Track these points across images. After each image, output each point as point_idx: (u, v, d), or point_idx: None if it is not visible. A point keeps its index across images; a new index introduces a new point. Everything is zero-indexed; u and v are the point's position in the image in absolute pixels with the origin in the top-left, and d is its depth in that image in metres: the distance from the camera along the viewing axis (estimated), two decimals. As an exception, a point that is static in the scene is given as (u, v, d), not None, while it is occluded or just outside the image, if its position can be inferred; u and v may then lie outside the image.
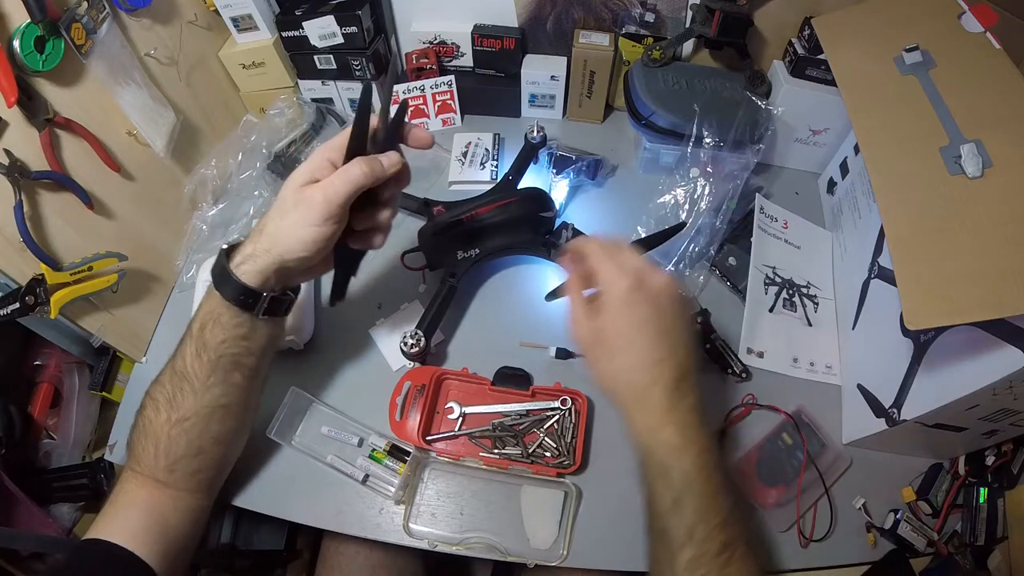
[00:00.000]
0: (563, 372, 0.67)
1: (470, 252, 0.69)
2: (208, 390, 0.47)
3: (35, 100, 0.55)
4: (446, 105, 0.90)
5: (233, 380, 0.48)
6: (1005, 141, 0.48)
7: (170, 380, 0.47)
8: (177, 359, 0.47)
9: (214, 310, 0.46)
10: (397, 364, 0.67)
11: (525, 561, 0.55)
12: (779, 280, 0.72)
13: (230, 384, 0.48)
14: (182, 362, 0.47)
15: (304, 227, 0.43)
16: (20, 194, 0.54)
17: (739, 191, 0.74)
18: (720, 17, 0.74)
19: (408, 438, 0.60)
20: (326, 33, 0.81)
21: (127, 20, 0.66)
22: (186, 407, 0.47)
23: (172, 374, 0.47)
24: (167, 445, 0.47)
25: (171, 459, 0.47)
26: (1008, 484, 0.56)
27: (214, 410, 0.48)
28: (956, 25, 0.58)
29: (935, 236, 0.48)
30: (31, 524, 0.65)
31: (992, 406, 0.48)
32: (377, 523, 0.59)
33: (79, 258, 0.59)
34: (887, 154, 0.55)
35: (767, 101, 0.76)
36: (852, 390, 0.63)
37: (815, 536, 0.57)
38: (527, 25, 0.86)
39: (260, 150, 0.81)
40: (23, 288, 0.54)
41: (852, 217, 0.72)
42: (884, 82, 0.59)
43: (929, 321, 0.45)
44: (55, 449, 0.70)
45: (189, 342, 0.47)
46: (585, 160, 0.80)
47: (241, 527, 0.86)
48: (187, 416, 0.47)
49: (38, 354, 0.70)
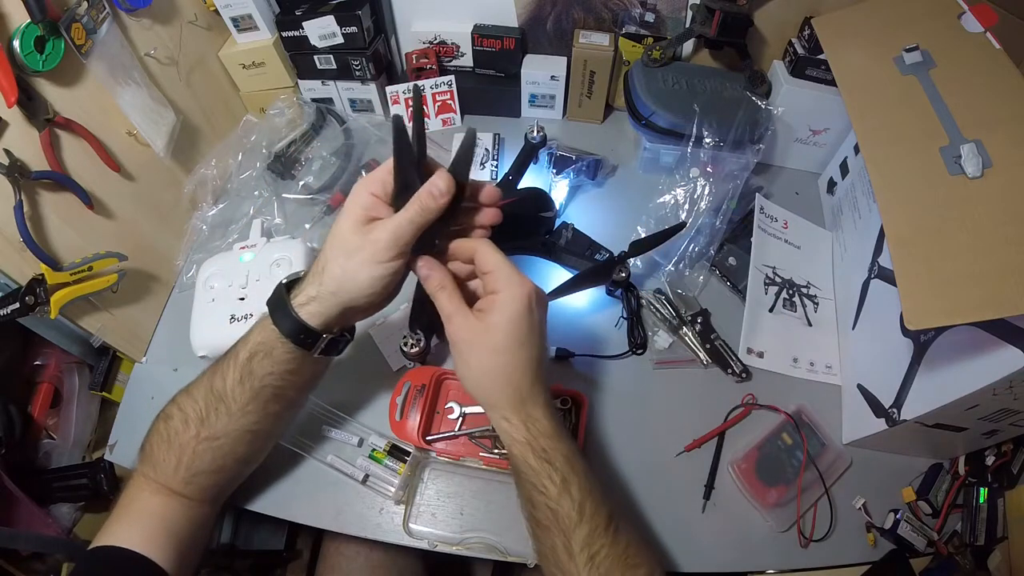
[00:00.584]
0: (563, 372, 0.67)
1: (470, 252, 0.69)
2: (244, 415, 0.47)
3: (35, 100, 0.55)
4: (446, 105, 0.90)
5: (270, 409, 0.48)
6: (1005, 141, 0.48)
7: (204, 398, 0.47)
8: (216, 379, 0.47)
9: (267, 341, 0.46)
10: (397, 364, 0.67)
11: (525, 561, 0.55)
12: (779, 280, 0.72)
13: (267, 413, 0.48)
14: (222, 383, 0.46)
15: (371, 267, 0.43)
16: (20, 194, 0.54)
17: (739, 191, 0.74)
18: (720, 17, 0.74)
19: (408, 438, 0.60)
20: (326, 33, 0.81)
21: (127, 20, 0.66)
22: (218, 428, 0.47)
23: (209, 392, 0.47)
24: (191, 459, 0.47)
25: (191, 472, 0.48)
26: (1008, 484, 0.56)
27: (244, 434, 0.48)
28: (956, 25, 0.58)
29: (935, 236, 0.48)
30: (31, 524, 0.65)
31: (992, 406, 0.48)
32: (377, 523, 0.59)
33: (79, 258, 0.59)
34: (887, 154, 0.55)
35: (767, 101, 0.76)
36: (852, 390, 0.63)
37: (815, 536, 0.57)
38: (527, 25, 0.86)
39: (260, 150, 0.81)
40: (23, 288, 0.55)
41: (852, 217, 0.72)
42: (884, 82, 0.59)
43: (929, 321, 0.45)
44: (55, 449, 0.70)
45: (233, 367, 0.46)
46: (585, 160, 0.80)
47: (241, 527, 0.86)
48: (217, 436, 0.47)
49: (38, 354, 0.70)
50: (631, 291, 0.71)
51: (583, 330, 0.70)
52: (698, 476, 0.60)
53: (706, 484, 0.60)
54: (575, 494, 0.43)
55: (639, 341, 0.68)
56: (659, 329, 0.70)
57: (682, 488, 0.60)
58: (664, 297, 0.71)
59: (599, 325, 0.71)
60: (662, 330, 0.69)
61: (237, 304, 0.67)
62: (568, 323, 0.71)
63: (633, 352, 0.68)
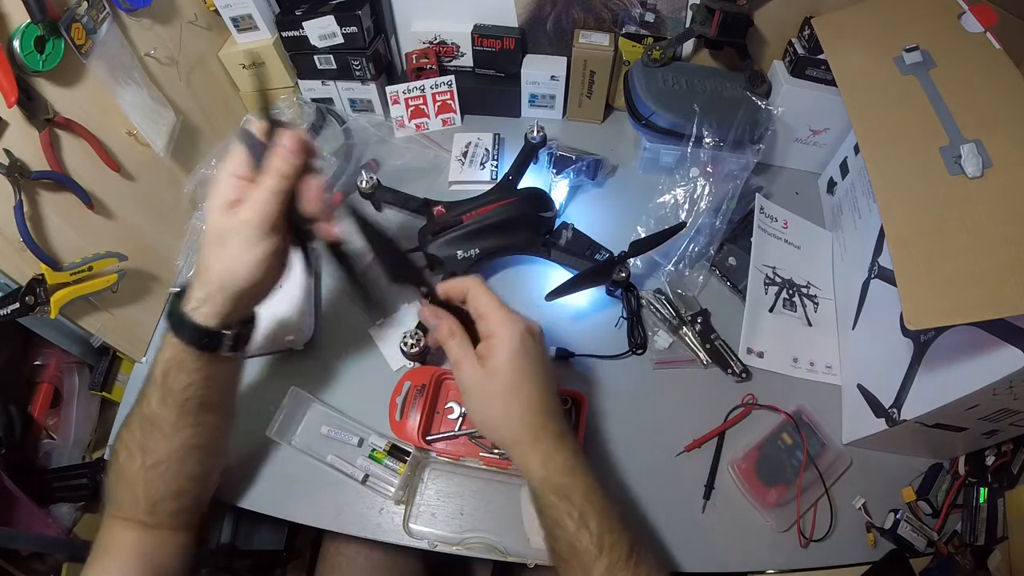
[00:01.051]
0: (563, 372, 0.67)
1: (470, 252, 0.69)
2: (178, 432, 0.47)
3: (35, 100, 0.55)
4: (446, 105, 0.90)
5: (202, 420, 0.48)
6: (1005, 141, 0.48)
7: (139, 426, 0.47)
8: (144, 405, 0.47)
9: (176, 355, 0.45)
10: (397, 364, 0.67)
11: (525, 561, 0.56)
12: (779, 280, 0.72)
13: (199, 424, 0.48)
14: (149, 407, 0.46)
15: (247, 249, 0.43)
16: (20, 194, 0.54)
17: (739, 191, 0.74)
18: (720, 17, 0.74)
19: (408, 438, 0.60)
20: (326, 33, 0.81)
21: (127, 20, 0.66)
22: (160, 452, 0.47)
23: (141, 420, 0.47)
24: (145, 489, 0.47)
25: (151, 502, 0.47)
26: (1008, 484, 0.56)
27: (186, 451, 0.48)
28: (956, 25, 0.58)
29: (935, 236, 0.48)
30: (31, 524, 0.65)
31: (992, 406, 0.48)
32: (377, 523, 0.59)
33: (79, 258, 0.59)
34: (887, 154, 0.55)
35: (767, 101, 0.76)
36: (852, 390, 0.63)
37: (815, 536, 0.57)
38: (527, 25, 0.86)
39: (260, 150, 0.81)
40: (23, 288, 0.55)
41: (852, 217, 0.72)
42: (884, 82, 0.59)
43: (929, 321, 0.45)
44: (55, 449, 0.70)
45: (154, 388, 0.46)
46: (585, 160, 0.80)
47: (241, 527, 0.86)
48: (161, 460, 0.47)
49: (38, 354, 0.70)
50: (631, 291, 0.71)
51: (583, 330, 0.70)
52: (698, 476, 0.60)
53: (706, 484, 0.60)
54: (594, 528, 0.43)
55: (639, 341, 0.68)
56: (659, 329, 0.70)
57: (682, 488, 0.60)
58: (664, 297, 0.71)
59: (599, 325, 0.71)
60: (662, 330, 0.69)
61: (237, 304, 0.67)
62: (568, 323, 0.71)
63: (633, 352, 0.68)
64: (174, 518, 0.49)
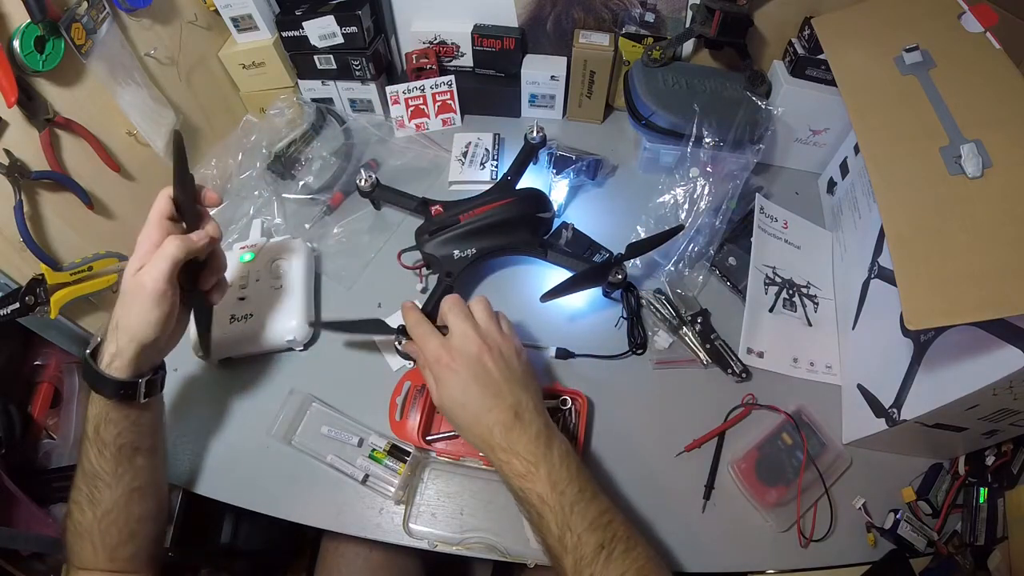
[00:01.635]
0: (563, 372, 0.67)
1: (467, 252, 0.69)
2: (120, 480, 0.50)
3: (35, 100, 0.55)
4: (446, 105, 0.90)
5: (137, 463, 0.51)
6: (1005, 141, 0.48)
7: (84, 482, 0.50)
8: (84, 462, 0.50)
9: (100, 411, 0.49)
10: (397, 364, 0.67)
11: (525, 561, 0.56)
12: (779, 280, 0.72)
13: (136, 467, 0.51)
14: (89, 464, 0.50)
15: (147, 312, 0.48)
16: (20, 194, 0.54)
17: (739, 191, 0.74)
18: (720, 17, 0.74)
19: (408, 438, 0.60)
20: (326, 33, 0.81)
21: (127, 20, 0.66)
22: (107, 501, 0.50)
23: (84, 476, 0.50)
24: (101, 539, 0.50)
25: (108, 550, 0.50)
26: (1008, 484, 0.56)
27: (130, 495, 0.51)
28: (956, 25, 0.58)
29: (935, 236, 0.48)
30: (31, 524, 0.65)
31: (992, 406, 0.48)
32: (377, 523, 0.59)
33: (79, 258, 0.59)
34: (887, 154, 0.55)
35: (767, 101, 0.76)
36: (852, 390, 0.63)
37: (815, 536, 0.57)
38: (527, 25, 0.86)
39: (260, 150, 0.81)
40: (23, 288, 0.55)
41: (852, 217, 0.72)
42: (884, 82, 0.59)
43: (929, 321, 0.45)
44: (55, 449, 0.70)
45: (89, 445, 0.50)
46: (585, 160, 0.80)
47: (241, 527, 0.86)
48: (110, 509, 0.50)
49: (38, 354, 0.71)
50: (631, 291, 0.71)
51: (583, 330, 0.70)
52: (698, 476, 0.60)
53: (706, 484, 0.60)
54: (553, 529, 0.45)
55: (639, 341, 0.68)
56: (659, 329, 0.70)
57: (682, 488, 0.60)
58: (664, 297, 0.71)
59: (599, 325, 0.71)
60: (662, 330, 0.69)
61: (237, 304, 0.67)
62: (568, 323, 0.71)
63: (633, 352, 0.68)
64: (134, 561, 0.52)
